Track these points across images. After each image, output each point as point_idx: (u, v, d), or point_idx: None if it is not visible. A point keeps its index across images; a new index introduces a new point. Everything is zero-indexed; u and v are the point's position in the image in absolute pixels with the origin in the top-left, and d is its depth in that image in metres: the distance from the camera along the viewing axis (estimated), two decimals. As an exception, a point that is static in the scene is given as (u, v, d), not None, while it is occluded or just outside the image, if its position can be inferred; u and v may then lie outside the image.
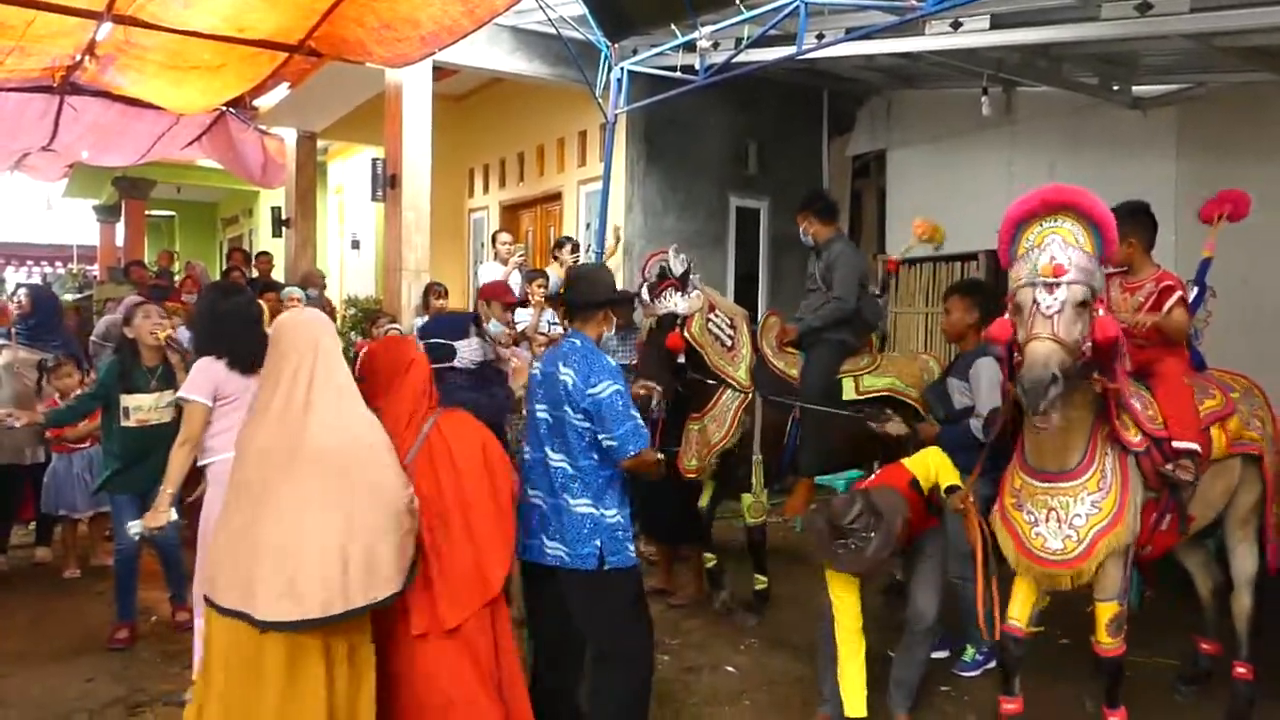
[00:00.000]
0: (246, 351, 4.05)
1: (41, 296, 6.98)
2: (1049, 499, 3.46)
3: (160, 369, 4.96)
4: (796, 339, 5.45)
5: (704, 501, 5.49)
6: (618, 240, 8.28)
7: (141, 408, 4.85)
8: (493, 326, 5.12)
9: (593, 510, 3.33)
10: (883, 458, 5.02)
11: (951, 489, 3.81)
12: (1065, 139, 7.66)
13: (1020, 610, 3.63)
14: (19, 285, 8.07)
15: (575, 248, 7.87)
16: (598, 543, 3.32)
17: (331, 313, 9.19)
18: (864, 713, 3.77)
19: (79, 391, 5.68)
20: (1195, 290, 4.23)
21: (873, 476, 4.05)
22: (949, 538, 4.14)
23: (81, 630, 5.17)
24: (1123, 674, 3.59)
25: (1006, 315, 3.36)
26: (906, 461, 3.97)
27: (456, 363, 4.22)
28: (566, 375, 3.33)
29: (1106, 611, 3.52)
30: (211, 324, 4.28)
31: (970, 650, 4.68)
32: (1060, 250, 3.16)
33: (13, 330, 6.61)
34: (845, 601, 3.80)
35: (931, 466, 3.90)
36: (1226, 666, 4.22)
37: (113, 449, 4.95)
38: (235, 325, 4.19)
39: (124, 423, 4.85)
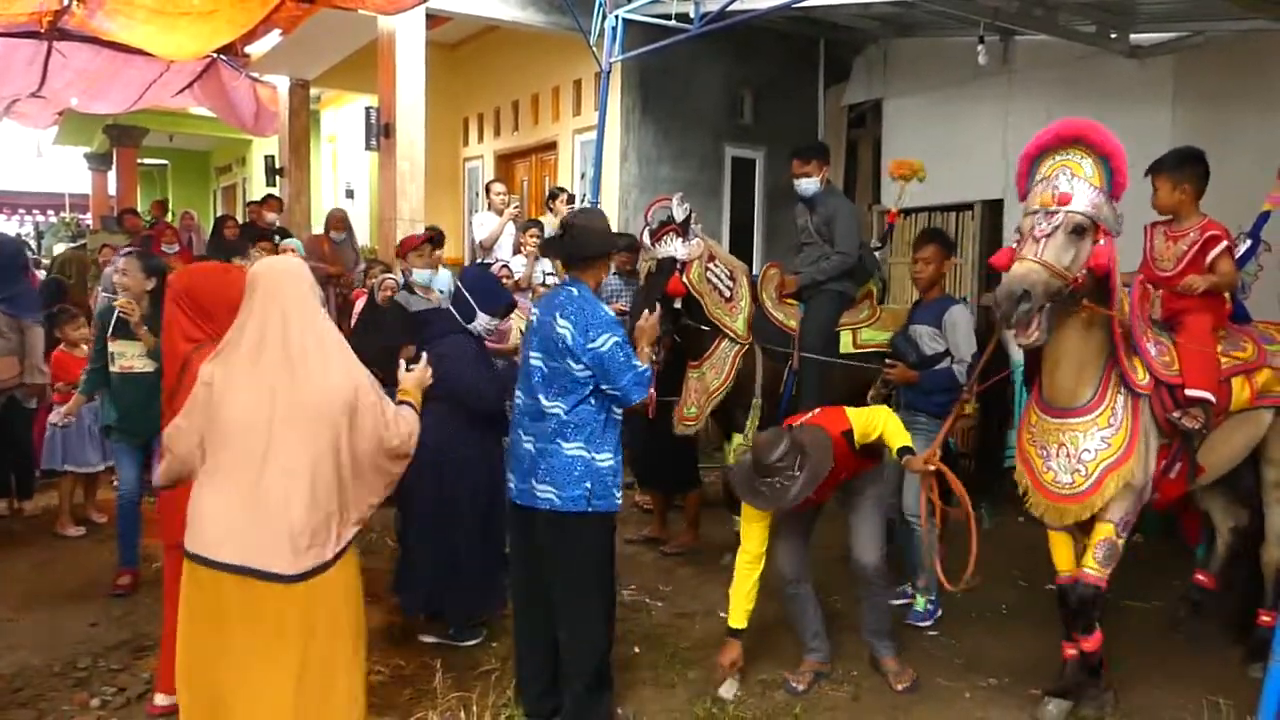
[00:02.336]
0: None
1: None
2: (1061, 434, 3.54)
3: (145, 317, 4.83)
4: (797, 291, 5.41)
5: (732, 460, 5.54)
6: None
7: (125, 354, 4.84)
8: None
9: (584, 453, 3.37)
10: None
11: (905, 450, 3.74)
12: (1062, 88, 7.59)
13: (1063, 562, 3.72)
14: None
15: (570, 198, 7.85)
16: (588, 485, 3.35)
17: (359, 256, 9.22)
18: (743, 624, 3.89)
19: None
20: (1249, 243, 4.17)
21: (809, 415, 3.89)
22: (888, 480, 4.20)
23: (84, 576, 5.25)
24: (1099, 604, 3.62)
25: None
26: (850, 411, 3.84)
27: (472, 326, 4.27)
28: (564, 329, 3.33)
29: (1102, 531, 3.55)
30: None
31: (921, 600, 4.69)
32: (1066, 181, 3.29)
33: None
34: (751, 530, 3.82)
35: (876, 424, 3.78)
36: (1215, 602, 4.37)
37: (111, 398, 4.98)
38: None
39: (112, 368, 4.87)
